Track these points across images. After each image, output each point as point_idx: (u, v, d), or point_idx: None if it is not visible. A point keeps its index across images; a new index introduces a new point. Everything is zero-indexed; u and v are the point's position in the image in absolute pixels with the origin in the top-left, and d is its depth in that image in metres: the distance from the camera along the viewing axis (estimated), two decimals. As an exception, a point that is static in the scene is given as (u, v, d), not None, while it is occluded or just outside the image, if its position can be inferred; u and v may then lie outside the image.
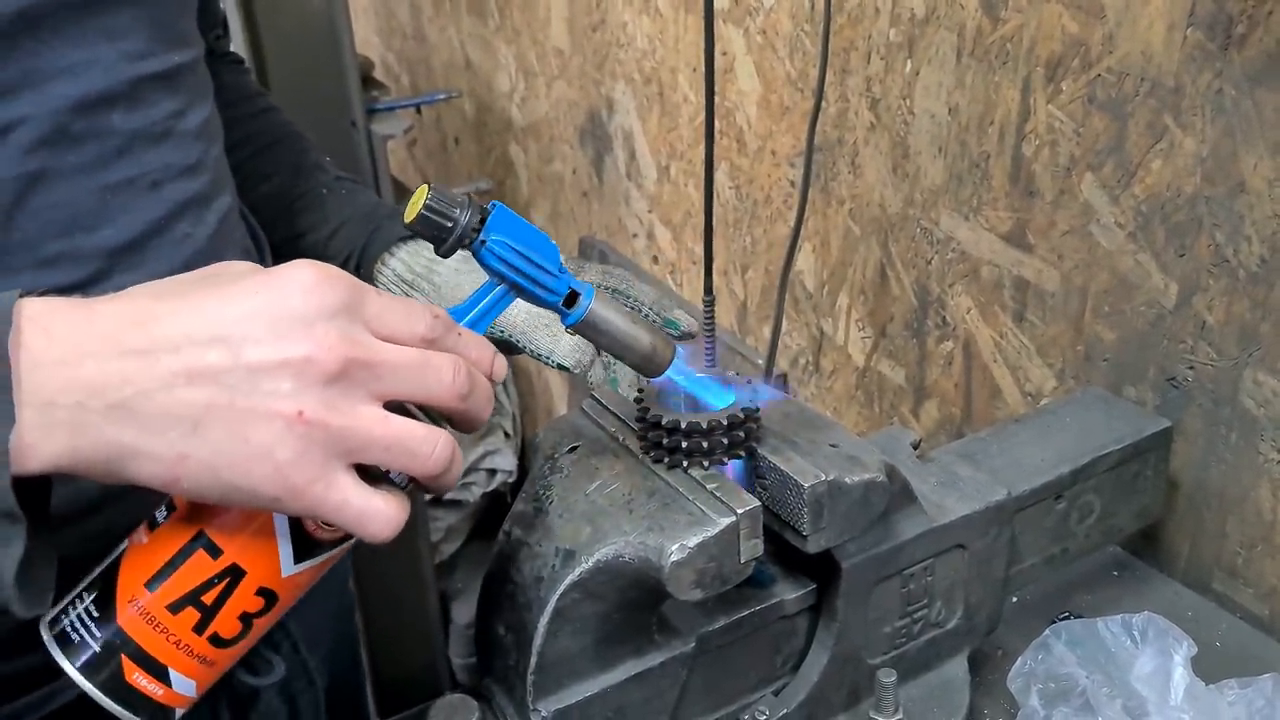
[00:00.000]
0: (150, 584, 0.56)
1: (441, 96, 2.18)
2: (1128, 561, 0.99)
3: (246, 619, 0.58)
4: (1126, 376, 1.00)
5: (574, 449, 0.72)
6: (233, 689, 0.84)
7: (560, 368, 0.83)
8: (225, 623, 0.57)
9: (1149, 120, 0.93)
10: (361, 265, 0.92)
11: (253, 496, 0.53)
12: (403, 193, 2.09)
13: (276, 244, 0.92)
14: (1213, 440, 0.94)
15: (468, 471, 2.33)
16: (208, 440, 0.51)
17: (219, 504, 0.56)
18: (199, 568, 0.56)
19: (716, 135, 1.38)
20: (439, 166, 2.57)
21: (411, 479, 0.57)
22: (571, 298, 0.64)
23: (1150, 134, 0.93)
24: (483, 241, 0.61)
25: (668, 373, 0.67)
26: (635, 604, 0.67)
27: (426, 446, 0.55)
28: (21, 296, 0.51)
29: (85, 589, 0.57)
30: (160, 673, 0.56)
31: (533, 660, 0.65)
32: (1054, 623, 0.80)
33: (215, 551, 0.56)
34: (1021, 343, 1.10)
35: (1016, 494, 0.82)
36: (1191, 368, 0.94)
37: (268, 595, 0.58)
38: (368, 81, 1.97)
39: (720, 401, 0.69)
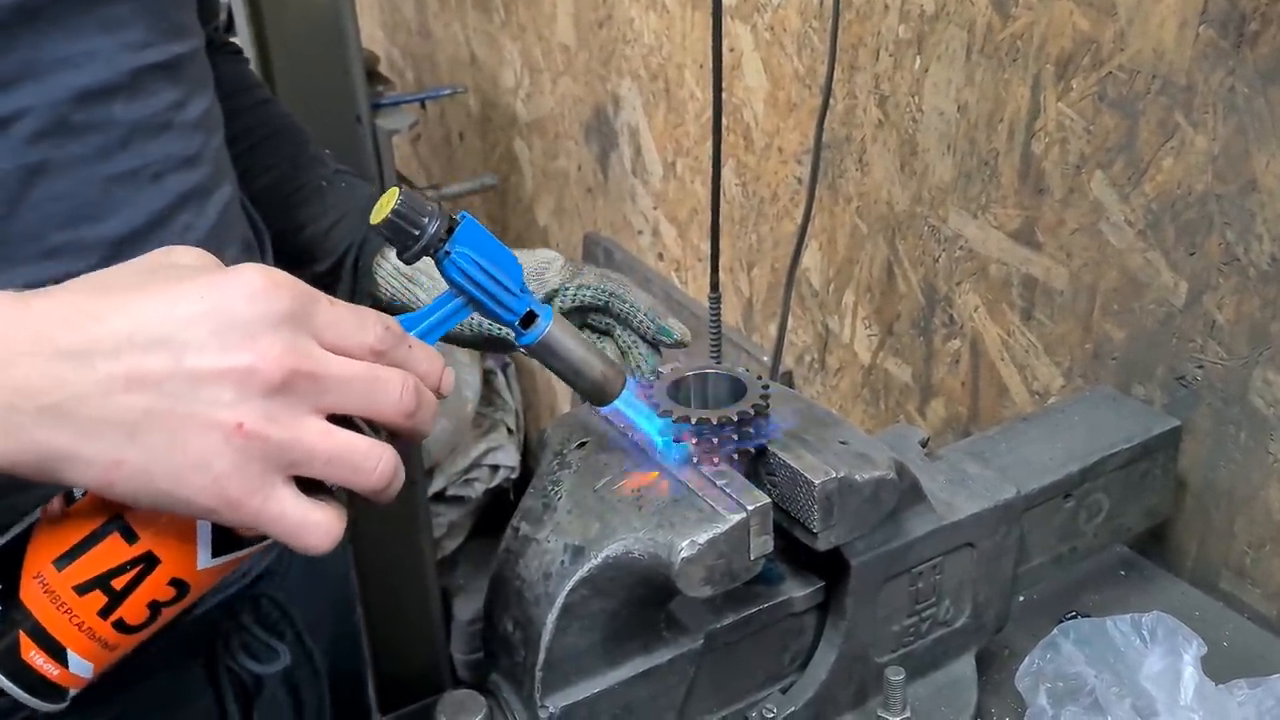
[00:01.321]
0: (59, 562, 0.54)
1: (446, 92, 2.18)
2: (1135, 561, 0.99)
3: (155, 607, 0.56)
4: (1135, 375, 1.00)
5: (583, 444, 0.72)
6: (237, 677, 0.84)
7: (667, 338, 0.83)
8: (133, 609, 0.55)
9: (1160, 118, 0.92)
10: (361, 258, 0.91)
11: (188, 506, 0.52)
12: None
13: (275, 236, 0.92)
14: (1222, 440, 0.94)
15: (470, 468, 2.33)
16: (144, 447, 0.50)
17: (152, 509, 0.54)
18: (112, 552, 0.55)
19: (723, 132, 1.38)
20: (443, 162, 2.57)
21: (348, 491, 0.56)
22: (529, 318, 0.63)
23: (1161, 132, 0.93)
24: (447, 253, 0.60)
25: (616, 404, 0.67)
26: (644, 600, 0.67)
27: (369, 461, 0.54)
28: None
29: None
30: (58, 653, 0.55)
31: (541, 656, 0.65)
32: (1062, 622, 0.80)
33: (131, 538, 0.55)
34: (1029, 341, 1.10)
35: (1025, 492, 0.81)
36: (1201, 367, 0.94)
37: (179, 586, 0.56)
38: (373, 76, 1.96)
39: (657, 435, 0.69)
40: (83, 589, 0.54)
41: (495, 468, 2.35)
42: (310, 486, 0.54)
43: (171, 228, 0.74)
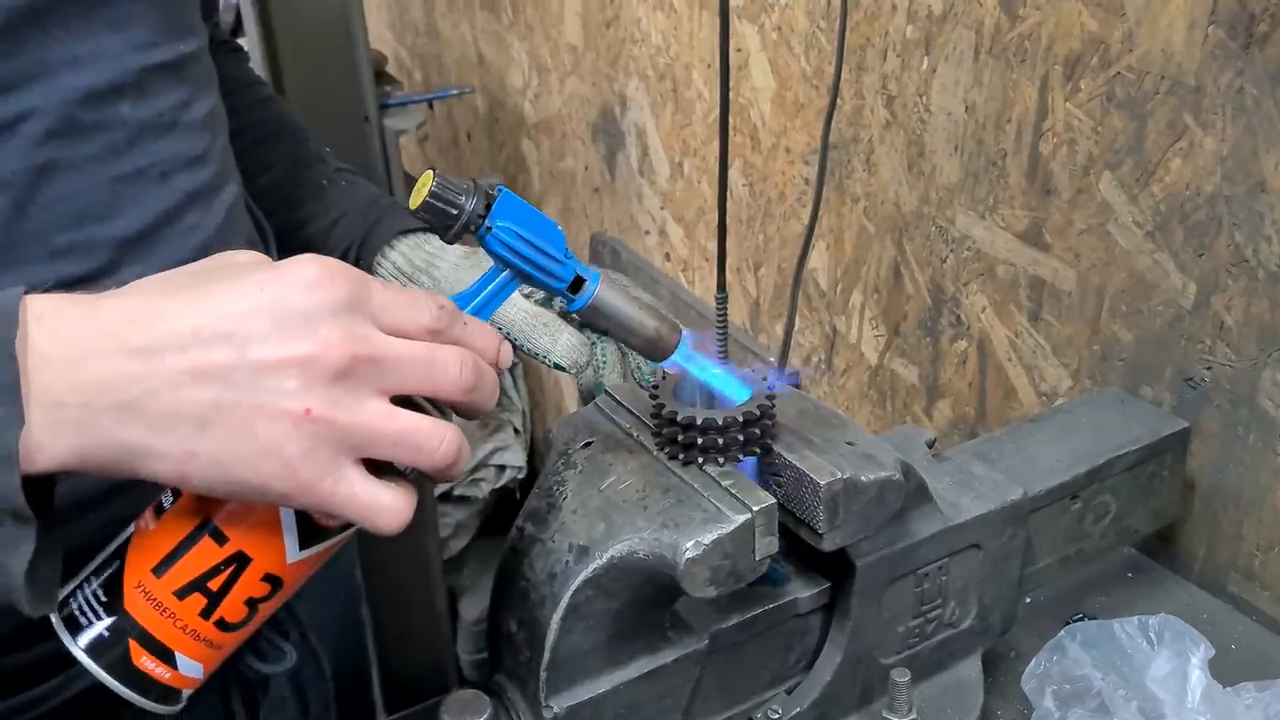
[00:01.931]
0: (157, 570, 0.56)
1: (454, 92, 2.18)
2: (1143, 563, 0.98)
3: (252, 604, 0.58)
4: (1143, 377, 1.00)
5: (588, 444, 0.71)
6: (243, 677, 0.84)
7: (557, 367, 0.83)
8: (231, 608, 0.57)
9: (1169, 119, 0.92)
10: (361, 257, 0.91)
11: (262, 493, 0.53)
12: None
13: (275, 235, 0.92)
14: (1230, 441, 0.93)
15: (477, 468, 2.33)
16: (215, 438, 0.51)
17: (227, 498, 0.56)
18: (205, 555, 0.57)
19: (730, 132, 1.38)
20: (451, 162, 2.57)
21: (418, 470, 0.57)
22: (577, 283, 0.64)
23: (1170, 133, 0.92)
24: (488, 228, 0.61)
25: (675, 359, 0.67)
26: (649, 601, 0.67)
27: (434, 440, 0.55)
28: (26, 294, 0.51)
29: (93, 573, 0.57)
30: (167, 656, 0.57)
31: (545, 657, 0.65)
32: (1068, 624, 0.80)
33: (221, 539, 0.56)
34: (1037, 342, 1.10)
35: (1032, 494, 0.81)
36: (1209, 368, 0.94)
37: (273, 581, 0.58)
38: (381, 77, 1.96)
39: (733, 392, 0.69)
40: (182, 593, 0.56)
41: (502, 468, 2.35)
42: (379, 469, 0.55)
43: (178, 227, 0.74)
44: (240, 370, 0.51)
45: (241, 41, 1.61)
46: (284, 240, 0.93)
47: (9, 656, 0.70)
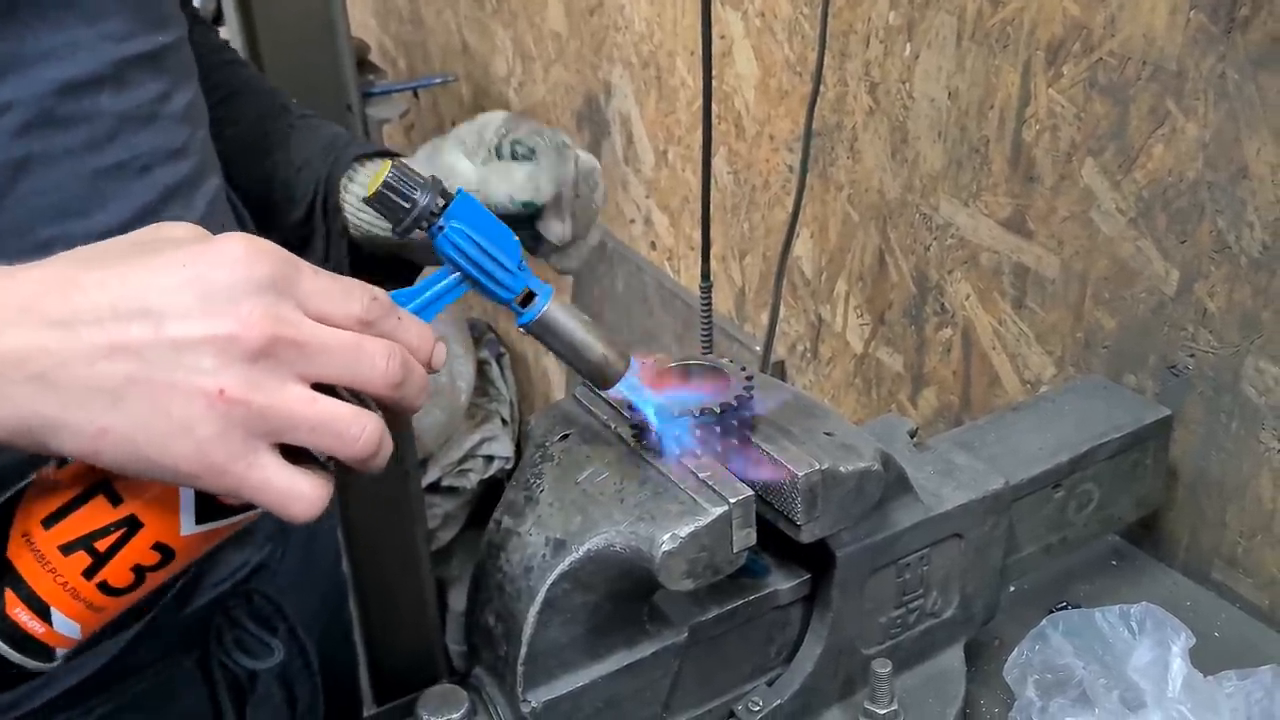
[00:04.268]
0: (46, 521, 0.55)
1: (438, 80, 2.17)
2: (1127, 551, 0.98)
3: (139, 571, 0.57)
4: (1127, 364, 0.99)
5: (565, 437, 0.71)
6: (230, 673, 0.84)
7: (526, 206, 0.83)
8: (116, 572, 0.56)
9: (1151, 105, 0.91)
10: (328, 196, 0.90)
11: (174, 473, 0.52)
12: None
13: (247, 188, 0.91)
14: (1213, 429, 0.93)
15: (464, 458, 2.32)
16: (128, 414, 0.50)
17: (138, 476, 0.55)
18: (96, 513, 0.55)
19: (714, 120, 1.37)
20: (436, 151, 2.55)
21: (336, 460, 0.56)
22: (527, 297, 0.63)
23: (1152, 118, 0.92)
24: (440, 227, 0.60)
25: (620, 388, 0.65)
26: (626, 594, 0.66)
27: (354, 429, 0.53)
28: None
29: None
30: (43, 611, 0.55)
31: (523, 650, 0.64)
32: (1052, 612, 0.79)
33: (116, 500, 0.55)
34: (1021, 330, 1.09)
35: (1014, 483, 0.81)
36: (1192, 355, 0.93)
37: (164, 551, 0.57)
38: (364, 65, 1.95)
39: (669, 423, 0.67)
40: (67, 549, 0.55)
41: (490, 458, 2.35)
42: (296, 456, 0.54)
43: (160, 221, 0.73)
44: (156, 347, 0.50)
45: (222, 31, 1.59)
46: (257, 196, 0.91)
47: None
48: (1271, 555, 0.91)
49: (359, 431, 0.53)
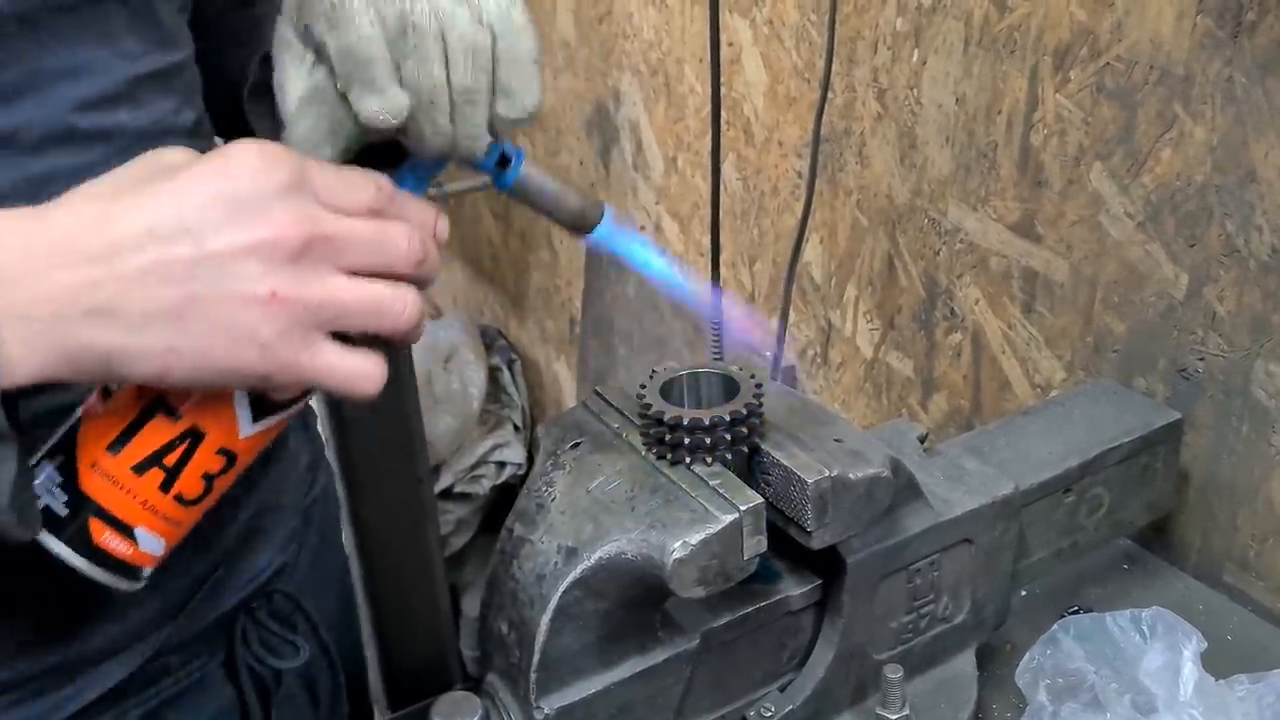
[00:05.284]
0: (112, 448, 0.57)
1: (448, 89, 2.17)
2: (1138, 554, 0.98)
3: (209, 479, 0.59)
4: (1136, 368, 0.99)
5: (576, 445, 0.71)
6: (256, 673, 0.85)
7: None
8: (189, 483, 0.59)
9: (1158, 109, 0.92)
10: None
11: (243, 378, 0.54)
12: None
13: (226, 83, 0.86)
14: (1224, 432, 0.93)
15: (477, 464, 2.33)
16: (191, 332, 0.52)
17: (210, 389, 0.57)
18: (159, 431, 0.58)
19: (723, 126, 1.37)
20: (447, 159, 2.56)
21: (379, 338, 0.58)
22: (504, 161, 0.64)
23: (1160, 123, 0.92)
24: None
25: (599, 232, 0.67)
26: (638, 601, 0.67)
27: (398, 305, 0.57)
28: None
29: (45, 456, 0.58)
30: (127, 532, 0.58)
31: (535, 658, 0.65)
32: (1063, 617, 0.79)
33: (174, 415, 0.58)
34: (1030, 334, 1.10)
35: (1024, 488, 0.81)
36: (1202, 359, 0.93)
37: (228, 455, 0.60)
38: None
39: (656, 263, 0.69)
40: (139, 469, 0.58)
41: (502, 464, 2.35)
42: (344, 341, 0.57)
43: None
44: (202, 262, 0.52)
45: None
46: (234, 109, 0.87)
47: (22, 662, 0.70)
48: (1283, 558, 0.91)
49: (402, 306, 0.57)
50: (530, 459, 2.38)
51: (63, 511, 0.57)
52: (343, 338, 0.56)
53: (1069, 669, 0.75)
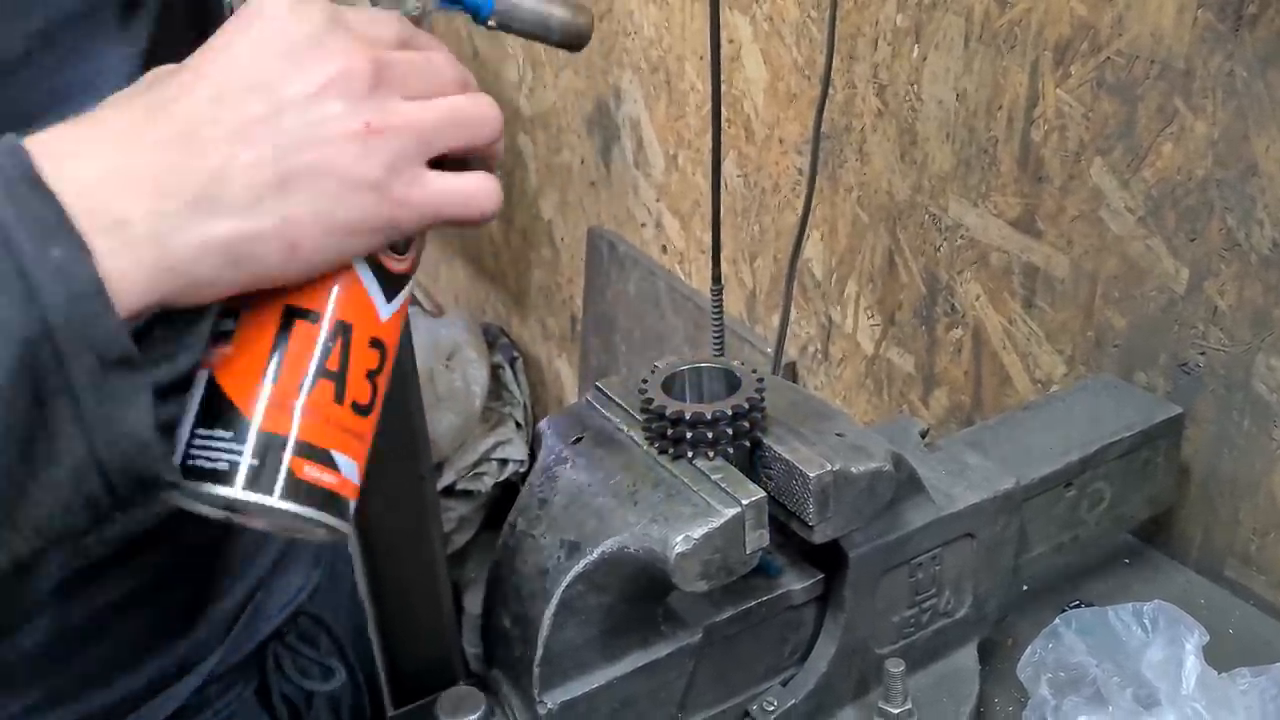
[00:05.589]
0: (268, 376, 0.51)
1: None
2: (1139, 549, 0.98)
3: (371, 376, 0.54)
4: (1137, 363, 0.99)
5: (578, 440, 0.71)
6: (287, 697, 0.84)
7: None
8: (356, 385, 0.53)
9: (1159, 103, 0.92)
10: None
11: (372, 231, 0.50)
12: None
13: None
14: (1225, 426, 0.93)
15: (479, 461, 2.33)
16: (301, 192, 0.48)
17: (338, 258, 0.51)
18: (306, 337, 0.52)
19: (724, 123, 1.38)
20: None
21: (466, 164, 0.55)
22: None
23: (1160, 117, 0.92)
24: None
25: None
26: (641, 595, 0.67)
27: (479, 112, 0.53)
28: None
29: (194, 426, 0.51)
30: (327, 459, 0.52)
31: (538, 652, 0.65)
32: (1064, 611, 0.80)
33: (312, 317, 0.52)
34: (1031, 329, 1.10)
35: (1025, 482, 0.81)
36: (1203, 353, 0.93)
37: (378, 346, 0.54)
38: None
39: None
40: (308, 385, 0.52)
41: (504, 461, 2.35)
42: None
43: None
44: (282, 113, 0.48)
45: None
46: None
47: (93, 696, 0.69)
48: (1285, 552, 0.92)
49: (486, 110, 0.54)
50: (532, 456, 2.38)
51: (254, 462, 0.50)
52: (437, 166, 0.53)
53: (1071, 663, 0.75)
